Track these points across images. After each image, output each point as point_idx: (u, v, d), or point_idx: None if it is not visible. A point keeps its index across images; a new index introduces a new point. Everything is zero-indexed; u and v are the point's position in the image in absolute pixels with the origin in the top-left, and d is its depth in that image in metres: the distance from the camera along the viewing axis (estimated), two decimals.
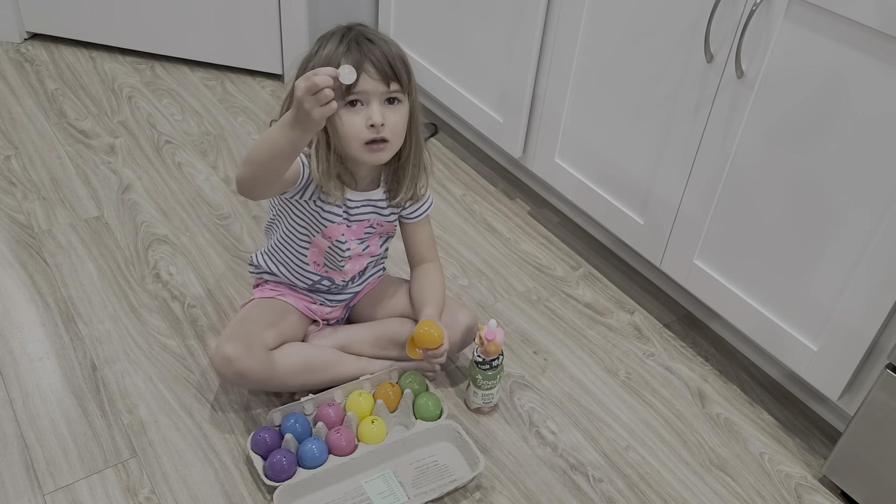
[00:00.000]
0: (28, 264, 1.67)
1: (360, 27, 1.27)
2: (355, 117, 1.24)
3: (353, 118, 1.24)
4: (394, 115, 1.27)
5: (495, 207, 2.02)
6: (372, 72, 1.22)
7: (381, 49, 1.24)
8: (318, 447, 1.30)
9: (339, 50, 1.23)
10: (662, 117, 1.54)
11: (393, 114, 1.27)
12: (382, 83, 1.23)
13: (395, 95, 1.26)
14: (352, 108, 1.24)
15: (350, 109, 1.24)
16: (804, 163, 1.32)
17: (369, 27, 1.29)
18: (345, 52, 1.23)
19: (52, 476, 1.29)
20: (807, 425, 1.54)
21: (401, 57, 1.26)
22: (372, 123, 1.24)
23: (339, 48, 1.24)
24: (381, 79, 1.23)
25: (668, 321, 1.74)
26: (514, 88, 1.85)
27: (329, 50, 1.24)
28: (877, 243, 1.24)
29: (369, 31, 1.27)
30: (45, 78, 2.30)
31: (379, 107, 1.25)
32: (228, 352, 1.31)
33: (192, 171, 2.00)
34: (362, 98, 1.24)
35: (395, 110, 1.27)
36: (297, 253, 1.41)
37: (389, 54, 1.24)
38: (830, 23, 1.22)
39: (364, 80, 1.22)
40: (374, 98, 1.24)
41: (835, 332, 1.35)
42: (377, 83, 1.23)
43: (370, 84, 1.23)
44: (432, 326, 1.35)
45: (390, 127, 1.26)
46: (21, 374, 1.45)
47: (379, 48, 1.24)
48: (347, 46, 1.23)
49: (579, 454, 1.42)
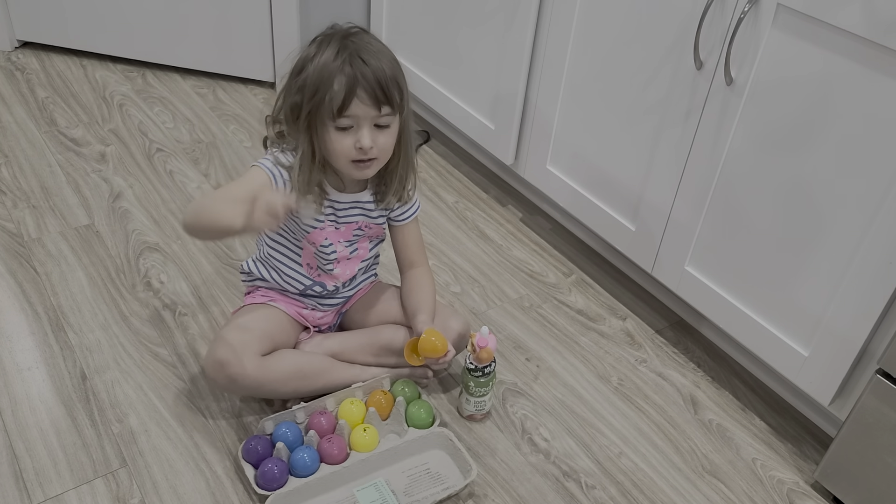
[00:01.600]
0: (18, 273, 1.66)
1: (357, 37, 1.26)
2: (345, 138, 1.25)
3: (342, 139, 1.25)
4: (383, 136, 1.27)
5: (487, 214, 2.02)
6: (364, 97, 1.22)
7: (375, 70, 1.22)
8: (310, 456, 1.29)
9: (335, 65, 1.22)
10: (653, 124, 1.55)
11: (382, 135, 1.27)
12: (374, 108, 1.23)
13: (386, 119, 1.26)
14: (342, 130, 1.24)
15: (341, 132, 1.24)
16: (793, 169, 1.33)
17: (366, 35, 1.27)
18: (339, 68, 1.21)
19: (42, 486, 1.28)
20: (799, 431, 1.54)
21: (394, 77, 1.25)
22: (361, 147, 1.24)
23: (334, 62, 1.22)
24: (372, 104, 1.22)
25: (660, 327, 1.74)
26: (506, 95, 1.85)
27: (325, 60, 1.23)
28: (866, 248, 1.25)
29: (366, 43, 1.25)
30: (35, 86, 2.30)
31: (369, 131, 1.25)
32: (220, 357, 1.31)
33: (183, 179, 1.99)
34: (353, 122, 1.24)
35: (386, 132, 1.27)
36: (288, 257, 1.41)
37: (383, 77, 1.23)
38: (818, 31, 1.23)
39: (356, 104, 1.22)
40: (364, 122, 1.24)
41: (825, 338, 1.35)
42: (368, 108, 1.23)
43: (361, 109, 1.22)
44: (436, 336, 1.35)
45: (379, 147, 1.27)
46: (10, 383, 1.44)
47: (373, 69, 1.22)
48: (342, 63, 1.21)
49: (572, 461, 1.42)
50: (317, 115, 1.24)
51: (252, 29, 2.32)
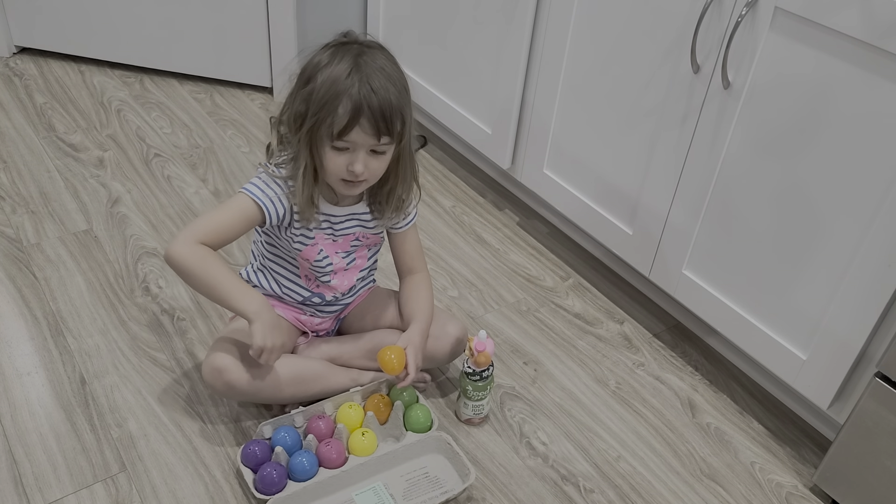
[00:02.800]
0: (17, 278, 1.66)
1: (372, 56, 1.23)
2: (339, 158, 1.25)
3: (336, 158, 1.25)
4: (377, 161, 1.27)
5: (484, 219, 2.02)
6: (366, 126, 1.21)
7: (381, 100, 1.20)
8: (309, 460, 1.29)
9: (344, 84, 1.20)
10: (650, 128, 1.55)
11: (376, 160, 1.27)
12: (373, 137, 1.22)
13: (384, 147, 1.26)
14: (339, 150, 1.24)
15: (336, 151, 1.24)
16: (791, 172, 1.33)
17: (381, 54, 1.25)
18: (346, 89, 1.20)
19: (41, 491, 1.28)
20: (797, 434, 1.55)
21: (400, 108, 1.23)
22: (352, 171, 1.25)
23: (344, 81, 1.20)
24: (373, 133, 1.22)
25: (658, 331, 1.74)
26: (503, 100, 1.86)
27: (335, 75, 1.20)
28: (864, 252, 1.25)
29: (379, 66, 1.22)
30: (33, 92, 2.30)
31: (364, 156, 1.24)
32: (218, 363, 1.31)
33: (181, 185, 1.99)
34: (350, 146, 1.24)
35: (380, 158, 1.27)
36: (286, 269, 1.42)
37: (388, 108, 1.21)
38: (815, 34, 1.23)
39: (356, 132, 1.21)
40: (361, 149, 1.24)
41: (823, 341, 1.35)
42: (368, 137, 1.22)
43: (361, 137, 1.22)
44: (395, 354, 1.33)
45: (371, 171, 1.27)
46: (9, 388, 1.44)
47: (380, 98, 1.20)
48: (351, 84, 1.20)
49: (570, 465, 1.42)
50: (318, 130, 1.23)
51: (249, 35, 2.33)
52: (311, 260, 1.38)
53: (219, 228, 1.28)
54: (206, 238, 1.27)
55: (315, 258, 1.38)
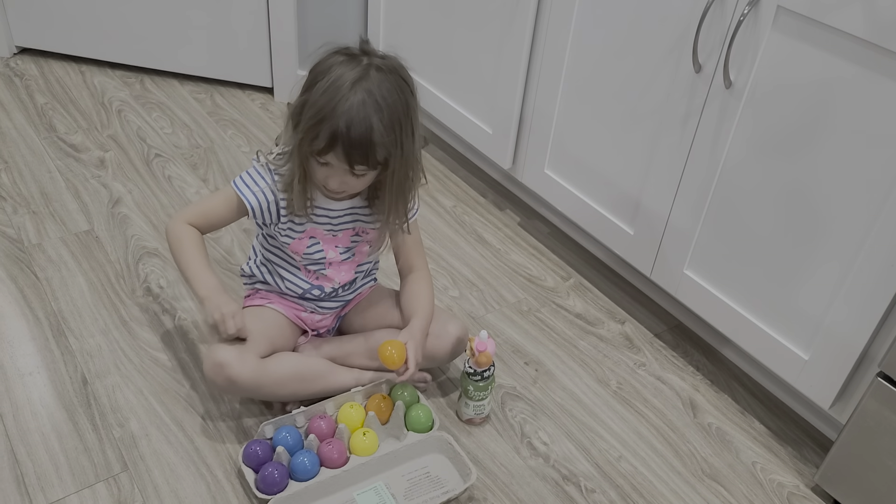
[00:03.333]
0: (18, 278, 1.66)
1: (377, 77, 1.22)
2: (321, 170, 1.28)
3: (319, 169, 1.28)
4: (356, 180, 1.29)
5: (485, 219, 2.02)
6: (340, 154, 1.22)
7: (359, 133, 1.20)
8: (310, 460, 1.29)
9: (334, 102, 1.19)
10: (651, 128, 1.55)
11: (355, 179, 1.28)
12: (346, 164, 1.23)
13: (360, 172, 1.26)
14: (321, 165, 1.26)
15: (319, 165, 1.27)
16: (793, 173, 1.33)
17: (389, 77, 1.23)
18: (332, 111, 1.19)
19: (43, 491, 1.28)
20: (799, 434, 1.55)
21: (382, 142, 1.22)
22: (329, 188, 1.28)
23: (335, 105, 1.19)
24: (346, 162, 1.23)
25: (659, 331, 1.74)
26: (504, 100, 1.86)
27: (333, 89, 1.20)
28: (866, 252, 1.25)
29: (374, 95, 1.21)
30: (34, 92, 2.30)
31: (341, 175, 1.26)
32: (220, 358, 1.31)
33: (182, 185, 1.99)
34: (330, 163, 1.25)
35: (361, 178, 1.28)
36: (286, 261, 1.42)
37: (366, 142, 1.20)
38: (818, 33, 1.23)
39: (332, 156, 1.23)
40: (338, 168, 1.26)
41: (825, 341, 1.35)
42: (342, 163, 1.24)
43: (336, 162, 1.24)
44: (396, 348, 1.34)
45: (350, 187, 1.30)
46: (11, 388, 1.44)
47: (356, 132, 1.19)
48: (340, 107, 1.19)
49: (571, 465, 1.42)
50: (304, 141, 1.25)
51: (250, 35, 2.33)
52: (301, 252, 1.39)
53: (206, 213, 1.39)
54: (194, 220, 1.39)
55: (304, 251, 1.38)
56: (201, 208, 1.40)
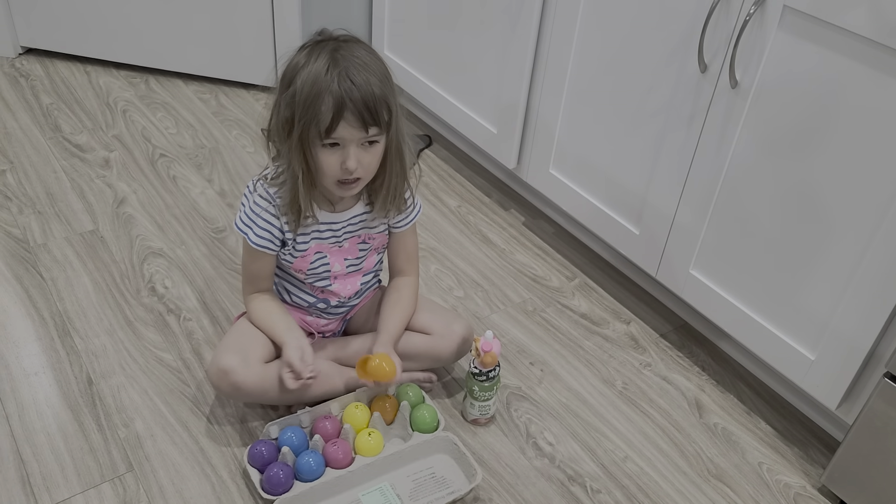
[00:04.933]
0: (24, 278, 1.67)
1: (348, 49, 1.23)
2: (331, 157, 1.24)
3: (329, 158, 1.24)
4: (369, 155, 1.26)
5: (490, 219, 2.02)
6: (351, 119, 1.20)
7: (363, 91, 1.20)
8: (315, 460, 1.29)
9: (324, 81, 1.19)
10: (657, 127, 1.55)
11: (368, 154, 1.26)
12: (361, 130, 1.22)
13: (374, 139, 1.25)
14: (330, 147, 1.24)
15: (328, 149, 1.24)
16: (799, 172, 1.33)
17: (357, 46, 1.25)
18: (328, 86, 1.19)
19: (49, 491, 1.28)
20: (805, 435, 1.54)
21: (384, 97, 1.22)
22: (346, 167, 1.24)
23: (325, 76, 1.19)
24: (360, 126, 1.21)
25: (665, 331, 1.74)
26: (508, 99, 1.86)
27: (314, 74, 1.20)
28: (873, 252, 1.25)
29: (356, 58, 1.22)
30: (40, 92, 2.30)
31: (355, 151, 1.24)
32: (224, 364, 1.31)
33: (186, 185, 2.00)
34: (340, 142, 1.23)
35: (372, 150, 1.26)
36: (292, 276, 1.42)
37: (371, 98, 1.20)
38: (825, 32, 1.23)
39: (343, 127, 1.21)
40: (351, 144, 1.23)
41: (832, 341, 1.35)
42: (355, 130, 1.22)
43: (348, 132, 1.21)
44: (387, 362, 1.33)
45: (364, 167, 1.26)
46: (17, 388, 1.44)
47: (361, 90, 1.19)
48: (331, 80, 1.19)
49: (577, 465, 1.42)
50: (307, 132, 1.22)
51: (254, 34, 2.33)
52: (305, 269, 1.38)
53: (252, 275, 1.39)
54: (252, 289, 1.41)
55: (308, 267, 1.38)
56: (247, 275, 1.40)
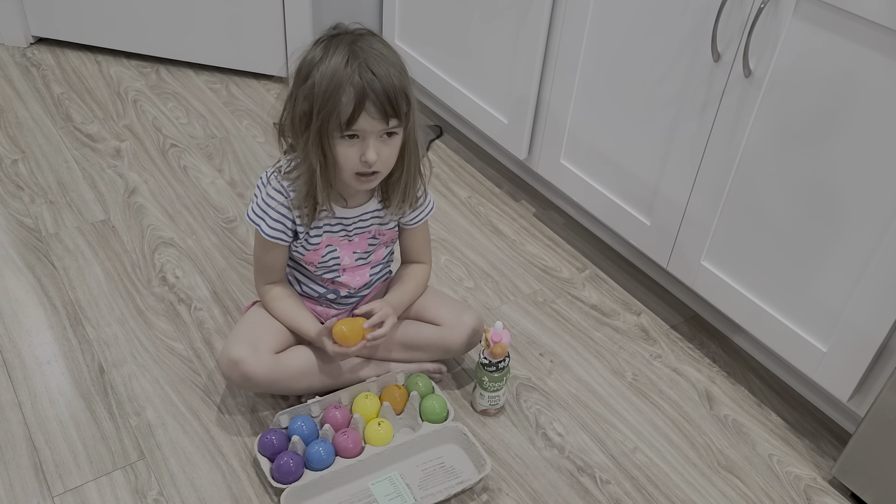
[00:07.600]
0: (36, 268, 1.67)
1: (366, 42, 1.23)
2: (350, 150, 1.24)
3: (348, 150, 1.24)
4: (388, 147, 1.26)
5: (500, 209, 2.02)
6: (372, 111, 1.20)
7: (384, 82, 1.20)
8: (325, 449, 1.30)
9: (344, 73, 1.19)
10: (669, 118, 1.54)
11: (387, 147, 1.26)
12: (382, 122, 1.21)
13: (393, 130, 1.25)
14: (349, 139, 1.23)
15: (347, 141, 1.23)
16: (813, 163, 1.32)
17: (374, 39, 1.25)
18: (349, 77, 1.19)
19: (61, 478, 1.29)
20: (816, 427, 1.53)
21: (402, 89, 1.23)
22: (365, 160, 1.24)
23: (345, 69, 1.19)
24: (380, 118, 1.21)
25: (675, 322, 1.73)
26: (519, 90, 1.85)
27: (333, 67, 1.20)
28: (887, 243, 1.24)
29: (375, 50, 1.22)
30: (51, 82, 2.31)
31: (375, 143, 1.23)
32: (235, 355, 1.31)
33: (197, 175, 2.00)
34: (360, 134, 1.23)
35: (391, 142, 1.26)
36: (303, 267, 1.42)
37: (391, 89, 1.20)
38: (840, 20, 1.22)
39: (364, 118, 1.20)
40: (371, 135, 1.23)
41: (844, 333, 1.34)
42: (376, 122, 1.21)
43: (369, 123, 1.21)
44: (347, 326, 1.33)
45: (383, 160, 1.26)
46: (29, 376, 1.45)
47: (382, 80, 1.20)
48: (352, 72, 1.19)
49: (586, 456, 1.42)
50: (326, 124, 1.22)
51: (265, 24, 2.32)
52: (316, 262, 1.39)
53: (265, 266, 1.39)
54: (265, 279, 1.41)
55: (319, 260, 1.38)
56: (259, 266, 1.40)
